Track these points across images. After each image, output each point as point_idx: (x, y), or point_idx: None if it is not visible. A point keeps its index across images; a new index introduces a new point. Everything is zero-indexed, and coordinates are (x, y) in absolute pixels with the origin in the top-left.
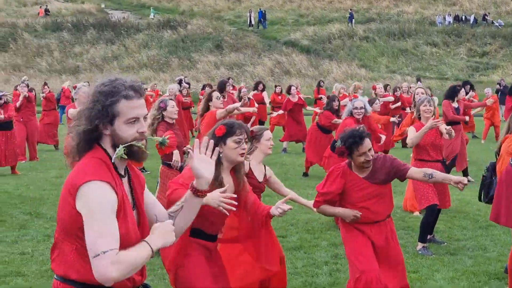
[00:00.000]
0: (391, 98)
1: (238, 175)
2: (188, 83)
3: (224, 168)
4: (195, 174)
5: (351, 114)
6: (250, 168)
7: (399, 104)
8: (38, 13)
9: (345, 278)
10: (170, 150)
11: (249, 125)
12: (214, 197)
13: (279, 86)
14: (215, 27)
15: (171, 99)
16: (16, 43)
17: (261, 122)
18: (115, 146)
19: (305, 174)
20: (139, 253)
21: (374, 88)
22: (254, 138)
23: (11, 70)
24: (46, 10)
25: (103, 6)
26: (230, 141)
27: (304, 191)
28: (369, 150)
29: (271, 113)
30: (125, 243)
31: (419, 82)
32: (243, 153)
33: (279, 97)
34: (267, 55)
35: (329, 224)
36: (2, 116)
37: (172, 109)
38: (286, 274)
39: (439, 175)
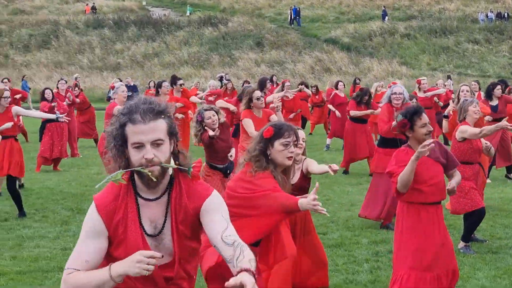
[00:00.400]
0: (442, 90)
1: (287, 175)
2: (229, 80)
3: (277, 169)
4: None
5: (389, 101)
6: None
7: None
8: (85, 10)
9: (386, 276)
10: (196, 179)
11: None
12: (308, 202)
13: (314, 86)
14: (255, 24)
15: (211, 108)
16: (58, 40)
17: (304, 120)
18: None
19: (345, 172)
20: (93, 275)
21: (419, 83)
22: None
23: (53, 67)
24: (93, 8)
25: (144, 3)
26: (277, 144)
27: (344, 188)
28: (428, 122)
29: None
30: None
31: (449, 80)
32: (291, 156)
33: (316, 97)
34: (308, 52)
35: (369, 221)
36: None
37: (209, 121)
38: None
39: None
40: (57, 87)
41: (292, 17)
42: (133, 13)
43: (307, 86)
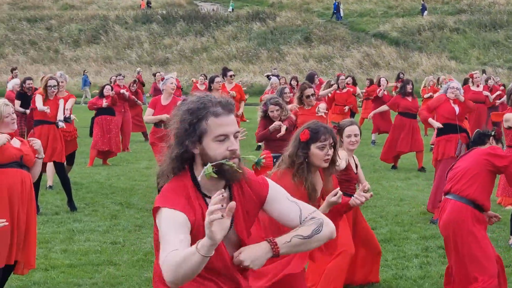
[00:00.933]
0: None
1: (326, 173)
2: (277, 75)
3: (312, 170)
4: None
5: (445, 93)
6: (348, 162)
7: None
8: (140, 5)
9: (436, 271)
10: (266, 171)
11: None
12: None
13: (368, 79)
14: (304, 19)
15: (276, 103)
16: (107, 35)
17: (353, 114)
18: (204, 165)
19: (394, 167)
20: (184, 253)
21: (472, 76)
22: (338, 132)
23: (102, 62)
24: (148, 3)
25: None
26: (314, 147)
27: (393, 183)
28: None
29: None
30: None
31: (484, 74)
32: (328, 159)
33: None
34: (356, 47)
35: (419, 217)
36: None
37: (272, 114)
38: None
39: None
40: (114, 83)
41: (333, 12)
42: (181, 8)
43: (354, 80)
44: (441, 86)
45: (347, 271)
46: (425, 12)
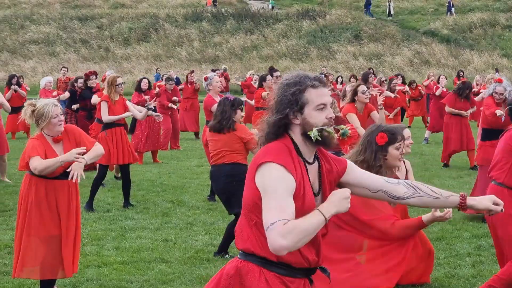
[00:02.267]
0: None
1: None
2: (325, 74)
3: (388, 173)
4: None
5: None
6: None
7: None
8: (206, 3)
9: (489, 270)
10: (351, 141)
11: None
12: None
13: (413, 82)
14: (353, 17)
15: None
16: (157, 34)
17: (403, 111)
18: (305, 134)
19: (446, 165)
20: (310, 219)
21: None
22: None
23: (152, 60)
24: (214, 1)
25: None
26: (392, 148)
27: (445, 181)
28: None
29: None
30: None
31: (497, 73)
32: (401, 157)
33: (413, 90)
34: (406, 45)
35: (471, 215)
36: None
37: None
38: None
39: None
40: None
41: (365, 6)
42: (231, 6)
43: (403, 79)
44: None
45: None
46: (452, 10)
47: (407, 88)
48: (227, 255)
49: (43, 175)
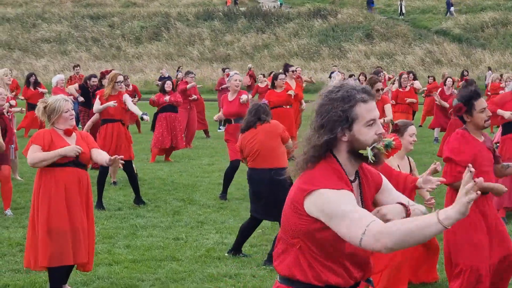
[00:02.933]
0: None
1: None
2: (336, 72)
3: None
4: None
5: None
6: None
7: None
8: (226, 2)
9: None
10: (394, 153)
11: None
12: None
13: (431, 77)
14: (365, 16)
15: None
16: (169, 32)
17: (414, 112)
18: (352, 152)
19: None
20: (420, 219)
21: None
22: (397, 131)
23: (164, 58)
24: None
25: None
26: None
27: None
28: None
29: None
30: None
31: (489, 72)
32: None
33: (429, 84)
34: (418, 44)
35: None
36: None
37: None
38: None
39: None
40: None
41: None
42: (243, 4)
43: (415, 77)
44: (505, 84)
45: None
46: (451, 9)
47: (419, 85)
48: (240, 254)
49: (53, 163)
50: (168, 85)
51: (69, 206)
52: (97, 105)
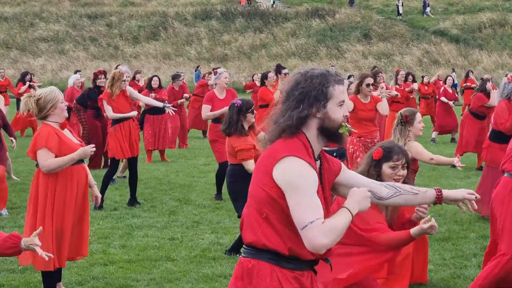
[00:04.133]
0: None
1: None
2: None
3: None
4: None
5: (508, 98)
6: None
7: None
8: (240, 2)
9: None
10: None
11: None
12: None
13: (426, 76)
14: (363, 16)
15: None
16: (167, 32)
17: None
18: (321, 129)
19: (453, 166)
20: (342, 218)
21: None
22: (407, 122)
23: (161, 58)
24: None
25: None
26: (386, 166)
27: (452, 182)
28: None
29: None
30: None
31: (453, 73)
32: (399, 179)
33: (425, 88)
34: (416, 44)
35: (478, 216)
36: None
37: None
38: (427, 266)
39: None
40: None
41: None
42: (241, 4)
43: (414, 78)
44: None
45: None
46: (428, 9)
47: (415, 86)
48: (238, 255)
49: None
50: (154, 82)
51: (79, 204)
52: (110, 112)
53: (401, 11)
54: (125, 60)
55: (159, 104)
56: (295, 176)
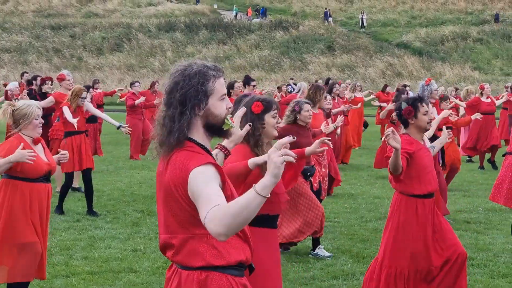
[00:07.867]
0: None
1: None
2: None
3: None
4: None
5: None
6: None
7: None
8: (247, 13)
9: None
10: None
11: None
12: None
13: (388, 86)
14: (326, 28)
15: (307, 102)
16: (130, 43)
17: (366, 124)
18: (207, 127)
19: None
20: (240, 200)
21: (482, 88)
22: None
23: (125, 69)
24: (256, 10)
25: (215, 6)
26: (268, 117)
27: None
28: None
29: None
30: None
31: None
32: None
33: (385, 95)
34: (379, 57)
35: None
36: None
37: (306, 113)
38: None
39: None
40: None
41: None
42: (204, 16)
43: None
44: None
45: None
46: (330, 19)
47: (365, 98)
48: None
49: (25, 178)
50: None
51: (41, 223)
52: (70, 116)
53: (364, 24)
54: (89, 71)
55: (115, 123)
56: (199, 183)
